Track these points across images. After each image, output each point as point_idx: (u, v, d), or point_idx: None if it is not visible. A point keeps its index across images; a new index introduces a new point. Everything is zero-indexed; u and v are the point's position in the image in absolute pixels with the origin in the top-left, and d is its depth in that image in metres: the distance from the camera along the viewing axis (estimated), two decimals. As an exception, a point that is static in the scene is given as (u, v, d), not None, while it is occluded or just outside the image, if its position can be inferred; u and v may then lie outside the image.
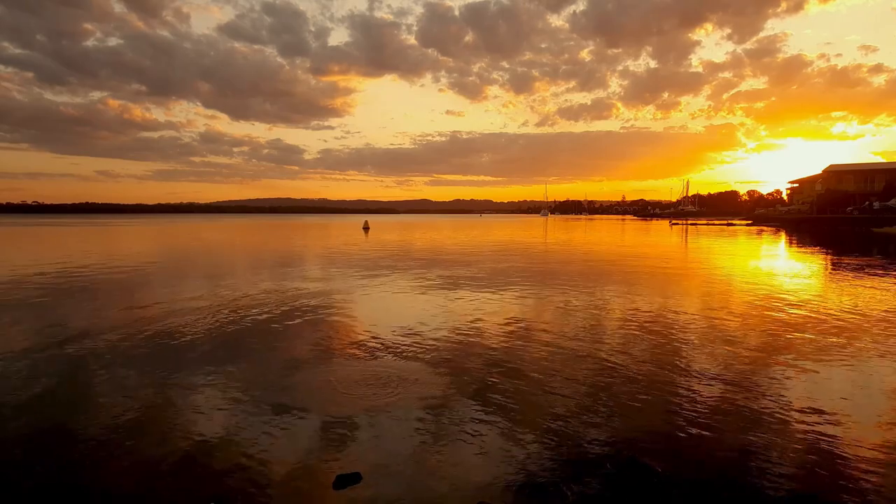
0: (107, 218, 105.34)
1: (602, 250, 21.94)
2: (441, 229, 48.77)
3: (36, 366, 5.53)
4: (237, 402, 4.48)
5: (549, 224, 70.83)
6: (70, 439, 3.80)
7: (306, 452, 3.56)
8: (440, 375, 5.13)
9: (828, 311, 8.22)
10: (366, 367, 5.40)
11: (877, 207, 43.20)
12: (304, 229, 48.46)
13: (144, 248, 23.53)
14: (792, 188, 70.11)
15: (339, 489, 3.10)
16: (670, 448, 3.61)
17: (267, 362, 5.63)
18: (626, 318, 7.78)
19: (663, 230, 45.14)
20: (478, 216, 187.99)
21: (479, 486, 3.12)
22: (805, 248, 22.84)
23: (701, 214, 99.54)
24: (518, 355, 5.83)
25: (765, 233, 37.69)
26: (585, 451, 3.57)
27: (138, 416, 4.20)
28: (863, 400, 4.50)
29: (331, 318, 7.94)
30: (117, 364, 5.56)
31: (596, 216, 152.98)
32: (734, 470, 3.32)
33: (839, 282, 11.86)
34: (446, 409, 4.28)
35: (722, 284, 11.51)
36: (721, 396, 4.54)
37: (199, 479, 3.24)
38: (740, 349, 6.04)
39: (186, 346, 6.25)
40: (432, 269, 14.43)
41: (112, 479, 3.25)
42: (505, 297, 9.83)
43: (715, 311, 8.38)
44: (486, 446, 3.65)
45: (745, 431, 3.85)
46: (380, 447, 3.63)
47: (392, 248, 22.88)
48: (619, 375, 5.11)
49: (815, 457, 3.47)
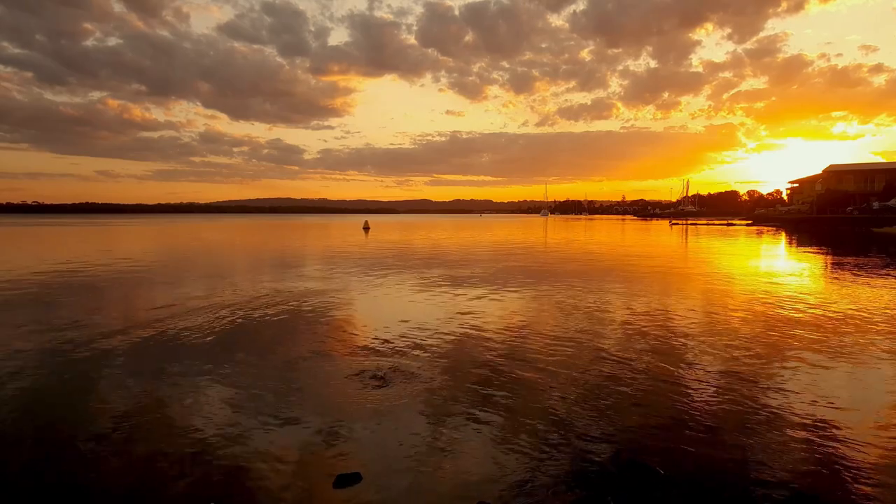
0: (107, 218, 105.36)
1: (602, 250, 21.94)
2: (441, 229, 48.78)
3: (36, 365, 5.52)
4: (237, 401, 4.47)
5: (549, 224, 70.84)
6: (70, 439, 3.79)
7: (306, 452, 3.56)
8: (440, 375, 5.13)
9: (828, 311, 8.22)
10: (366, 366, 5.40)
11: (877, 207, 43.20)
12: (303, 229, 48.47)
13: (145, 248, 23.53)
14: (792, 188, 70.11)
15: (339, 489, 3.10)
16: (671, 448, 3.61)
17: (267, 362, 5.63)
18: (626, 318, 7.78)
19: (663, 230, 45.14)
20: (478, 216, 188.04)
21: (479, 486, 3.12)
22: (805, 248, 22.83)
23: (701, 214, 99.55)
24: (518, 355, 5.83)
25: (765, 233, 37.70)
26: (586, 450, 3.56)
27: (138, 415, 4.19)
28: (863, 400, 4.50)
29: (330, 318, 7.94)
30: (117, 363, 5.56)
31: (596, 216, 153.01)
32: (735, 470, 3.32)
33: (839, 282, 11.85)
34: (446, 409, 4.28)
35: (722, 284, 11.51)
36: (722, 396, 4.54)
37: (199, 479, 3.24)
38: (740, 349, 6.04)
39: (186, 346, 6.25)
40: (432, 269, 14.43)
41: (112, 479, 3.25)
42: (505, 296, 9.83)
43: (715, 311, 8.37)
44: (486, 446, 3.64)
45: (745, 431, 3.85)
46: (380, 447, 3.63)
47: (392, 248, 22.88)
48: (620, 375, 5.11)
49: (816, 457, 3.47)
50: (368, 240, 29.87)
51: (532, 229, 49.39)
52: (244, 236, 34.84)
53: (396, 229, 47.34)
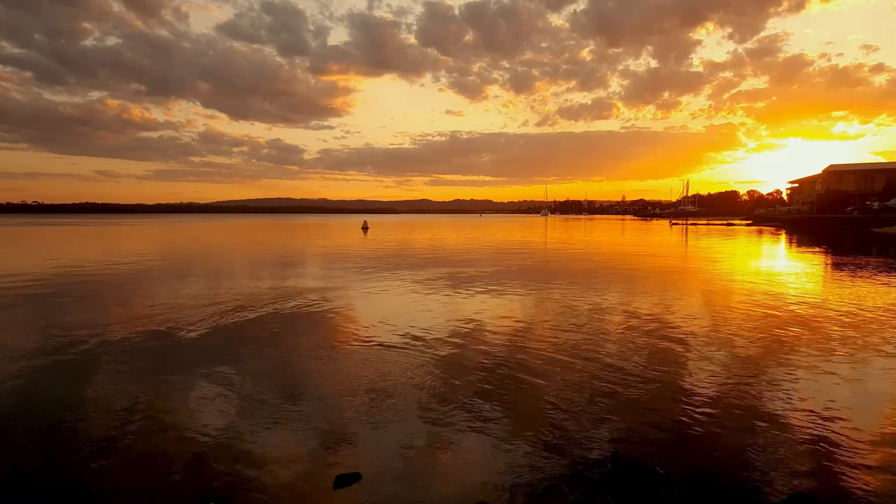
0: (107, 218, 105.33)
1: (602, 250, 21.94)
2: (441, 229, 48.77)
3: (36, 365, 5.52)
4: (237, 401, 4.47)
5: (549, 224, 70.82)
6: (70, 438, 3.79)
7: (306, 452, 3.56)
8: (440, 375, 5.13)
9: (828, 311, 8.22)
10: (366, 366, 5.40)
11: (877, 207, 43.21)
12: (303, 229, 48.45)
13: (146, 248, 23.52)
14: (792, 188, 70.10)
15: (339, 489, 3.10)
16: (671, 448, 3.61)
17: (267, 362, 5.63)
18: (627, 318, 7.78)
19: (663, 230, 45.14)
20: (478, 216, 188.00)
21: (479, 486, 3.12)
22: (805, 248, 22.83)
23: (701, 214, 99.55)
24: (518, 355, 5.82)
25: (765, 233, 37.70)
26: (586, 450, 3.56)
27: (138, 415, 4.19)
28: (863, 400, 4.50)
29: (329, 318, 7.93)
30: (117, 363, 5.56)
31: (596, 216, 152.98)
32: (734, 470, 3.32)
33: (839, 282, 11.85)
34: (446, 409, 4.28)
35: (722, 284, 11.51)
36: (721, 396, 4.54)
37: (199, 478, 3.24)
38: (740, 349, 6.04)
39: (187, 346, 6.25)
40: (432, 269, 14.43)
41: (112, 479, 3.25)
42: (505, 296, 9.83)
43: (715, 311, 8.37)
44: (486, 446, 3.65)
45: (745, 431, 3.85)
46: (380, 447, 3.63)
47: (391, 248, 22.88)
48: (620, 375, 5.11)
49: (816, 457, 3.47)
50: (367, 240, 29.87)
51: (532, 229, 49.38)
52: (244, 236, 34.83)
53: (396, 229, 47.33)
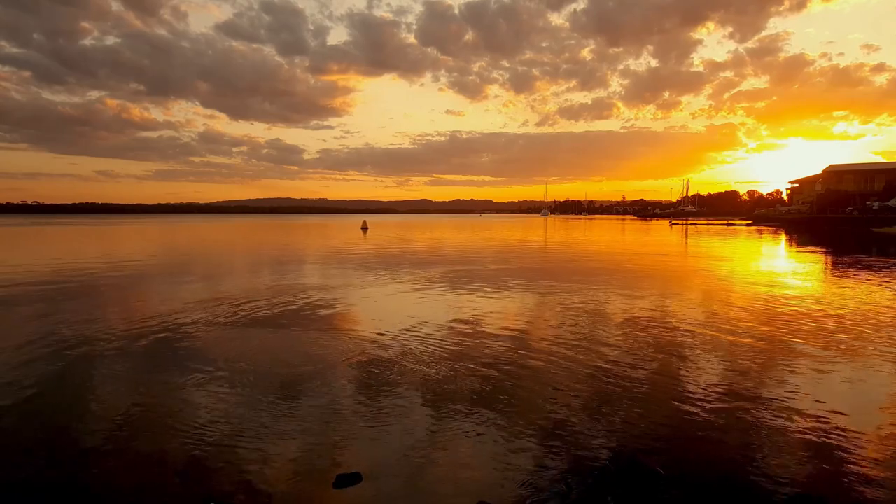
0: (107, 218, 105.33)
1: (602, 250, 21.94)
2: (441, 229, 48.76)
3: (36, 365, 5.52)
4: (237, 401, 4.47)
5: (549, 224, 70.81)
6: (70, 438, 3.79)
7: (306, 452, 3.56)
8: (440, 375, 5.13)
9: (828, 310, 8.22)
10: (366, 366, 5.40)
11: (877, 207, 43.20)
12: (303, 229, 48.46)
13: (146, 247, 23.51)
14: (792, 188, 70.07)
15: (340, 489, 3.10)
16: (672, 448, 3.61)
17: (266, 362, 5.62)
18: (626, 318, 7.78)
19: (663, 230, 45.13)
20: (478, 216, 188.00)
21: (479, 486, 3.12)
22: (805, 248, 22.83)
23: (701, 214, 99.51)
24: (519, 355, 5.82)
25: (765, 233, 37.69)
26: (586, 451, 3.56)
27: (138, 415, 4.19)
28: (864, 399, 4.50)
29: (329, 318, 7.93)
30: (116, 363, 5.55)
31: (596, 216, 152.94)
32: (735, 470, 3.32)
33: (839, 282, 11.85)
34: (446, 409, 4.27)
35: (722, 284, 11.51)
36: (722, 396, 4.54)
37: (199, 478, 3.24)
38: (741, 349, 6.04)
39: (187, 345, 6.24)
40: (432, 269, 14.42)
41: (112, 479, 3.25)
42: (505, 296, 9.83)
43: (716, 311, 8.37)
44: (487, 446, 3.64)
45: (745, 431, 3.85)
46: (380, 447, 3.63)
47: (390, 248, 22.88)
48: (619, 375, 5.11)
49: (817, 457, 3.47)
50: (367, 240, 29.86)
51: (532, 229, 49.37)
52: (244, 236, 34.82)
53: (396, 229, 47.32)
